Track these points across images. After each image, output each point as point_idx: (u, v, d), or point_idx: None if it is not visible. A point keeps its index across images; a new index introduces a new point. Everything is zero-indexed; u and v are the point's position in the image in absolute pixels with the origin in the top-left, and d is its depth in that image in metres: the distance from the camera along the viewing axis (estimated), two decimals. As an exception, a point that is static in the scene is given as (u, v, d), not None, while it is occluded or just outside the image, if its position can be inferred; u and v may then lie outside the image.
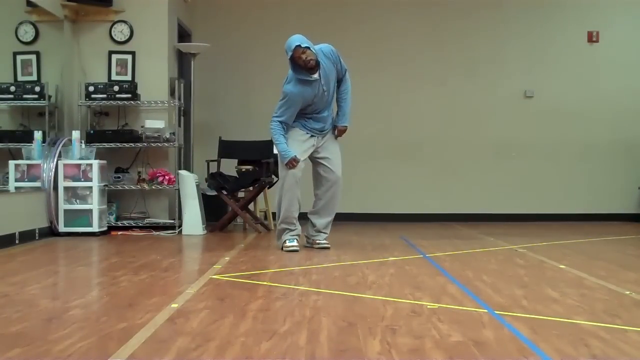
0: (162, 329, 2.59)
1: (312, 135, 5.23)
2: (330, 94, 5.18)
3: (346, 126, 5.37)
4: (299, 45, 4.95)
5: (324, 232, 5.34)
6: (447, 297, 3.29)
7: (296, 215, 5.19)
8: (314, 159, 5.30)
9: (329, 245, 5.30)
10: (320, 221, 5.30)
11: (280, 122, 5.12)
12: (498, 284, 3.70)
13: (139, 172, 6.90)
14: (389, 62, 8.52)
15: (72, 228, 6.21)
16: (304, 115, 5.19)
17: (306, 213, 5.39)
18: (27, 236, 5.68)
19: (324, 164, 5.24)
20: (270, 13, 8.53)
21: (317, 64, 5.04)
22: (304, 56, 4.95)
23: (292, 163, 5.08)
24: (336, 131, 5.35)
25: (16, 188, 6.09)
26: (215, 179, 6.82)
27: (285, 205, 5.15)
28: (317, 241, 5.32)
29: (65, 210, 6.23)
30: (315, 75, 5.07)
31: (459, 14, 8.56)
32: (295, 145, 5.16)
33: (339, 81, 5.28)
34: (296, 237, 5.19)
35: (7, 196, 5.94)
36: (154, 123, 6.75)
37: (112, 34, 6.96)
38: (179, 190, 6.67)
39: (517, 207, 8.47)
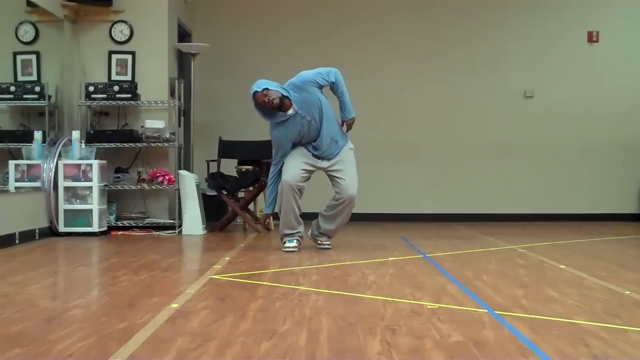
0: (162, 329, 2.59)
1: (314, 155, 5.18)
2: (318, 121, 5.07)
3: (353, 118, 5.29)
4: (256, 91, 4.94)
5: (327, 235, 5.34)
6: (447, 297, 3.29)
7: (295, 219, 5.15)
8: (328, 175, 5.27)
9: (330, 246, 5.30)
10: (324, 226, 5.30)
11: (276, 165, 5.17)
12: (498, 284, 3.70)
13: (139, 172, 6.90)
14: (389, 62, 8.52)
15: (72, 228, 6.21)
16: (303, 144, 5.18)
17: (317, 212, 5.38)
18: (27, 236, 5.68)
19: (337, 182, 5.17)
20: (270, 13, 8.53)
21: (285, 99, 4.98)
22: (266, 98, 4.89)
23: (264, 217, 5.67)
24: (345, 126, 5.29)
25: (16, 188, 6.09)
26: (215, 179, 6.81)
27: (283, 211, 5.15)
28: (319, 241, 5.34)
29: (65, 210, 6.23)
30: (290, 112, 5.02)
31: (459, 14, 8.56)
32: (295, 156, 5.14)
33: (332, 89, 5.22)
34: (296, 238, 5.18)
35: (7, 196, 5.94)
36: (154, 123, 6.75)
37: (112, 34, 6.96)
38: (179, 190, 6.67)
39: (517, 207, 8.47)
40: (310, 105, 5.04)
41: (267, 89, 4.92)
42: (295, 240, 5.16)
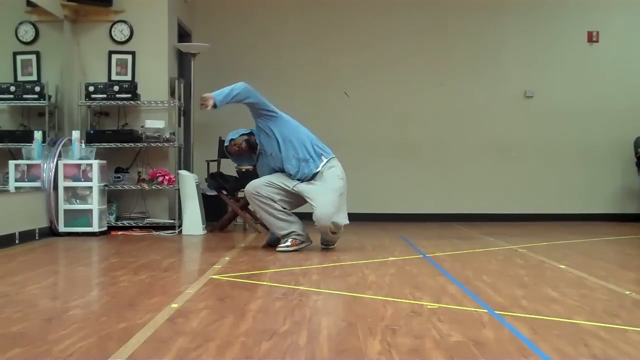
0: (162, 329, 2.59)
1: (291, 177, 5.19)
2: (278, 152, 5.15)
3: (210, 97, 5.04)
4: (226, 145, 5.36)
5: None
6: (447, 297, 3.29)
7: (279, 220, 5.14)
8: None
9: (332, 247, 5.32)
10: (323, 235, 5.32)
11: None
12: (498, 284, 3.70)
13: (139, 172, 6.90)
14: (389, 62, 8.52)
15: (72, 228, 6.21)
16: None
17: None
18: (27, 236, 5.67)
19: (312, 209, 5.07)
20: (270, 13, 8.53)
21: (250, 137, 5.25)
22: (235, 147, 5.29)
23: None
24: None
25: (16, 188, 6.09)
26: (215, 179, 6.82)
27: (262, 219, 5.38)
28: (321, 241, 5.37)
29: (65, 210, 6.23)
30: (258, 149, 5.28)
31: (459, 14, 8.56)
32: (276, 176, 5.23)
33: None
34: (292, 237, 5.15)
35: (7, 196, 5.94)
36: (154, 123, 6.75)
37: (112, 34, 6.96)
38: (179, 190, 6.67)
39: (517, 207, 8.47)
40: (267, 141, 5.21)
41: (232, 139, 5.32)
42: (289, 240, 5.15)
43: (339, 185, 5.15)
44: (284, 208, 5.19)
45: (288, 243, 5.14)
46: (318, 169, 5.15)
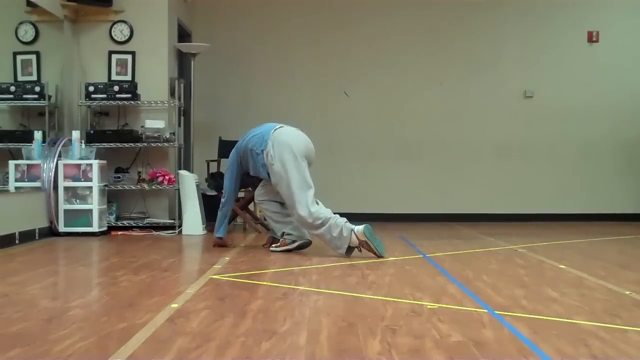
0: (162, 329, 2.59)
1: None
2: (254, 172, 5.29)
3: (215, 242, 5.51)
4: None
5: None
6: (447, 297, 3.29)
7: (274, 221, 5.24)
8: None
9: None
10: None
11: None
12: (498, 284, 3.70)
13: (139, 172, 6.90)
14: (389, 62, 8.52)
15: (72, 228, 6.21)
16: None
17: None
18: (27, 236, 5.68)
19: None
20: (270, 13, 8.53)
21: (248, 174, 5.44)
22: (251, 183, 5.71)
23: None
24: None
25: (16, 188, 6.09)
26: (215, 179, 6.81)
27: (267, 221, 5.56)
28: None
29: (65, 210, 6.23)
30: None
31: (459, 13, 8.56)
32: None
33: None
34: (282, 238, 5.16)
35: (7, 196, 5.94)
36: (154, 123, 6.75)
37: (112, 34, 6.97)
38: (179, 190, 6.67)
39: (517, 207, 8.48)
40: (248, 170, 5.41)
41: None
42: (280, 240, 5.19)
43: (274, 173, 5.08)
44: (283, 204, 5.22)
45: (278, 243, 5.20)
46: (267, 168, 5.13)
